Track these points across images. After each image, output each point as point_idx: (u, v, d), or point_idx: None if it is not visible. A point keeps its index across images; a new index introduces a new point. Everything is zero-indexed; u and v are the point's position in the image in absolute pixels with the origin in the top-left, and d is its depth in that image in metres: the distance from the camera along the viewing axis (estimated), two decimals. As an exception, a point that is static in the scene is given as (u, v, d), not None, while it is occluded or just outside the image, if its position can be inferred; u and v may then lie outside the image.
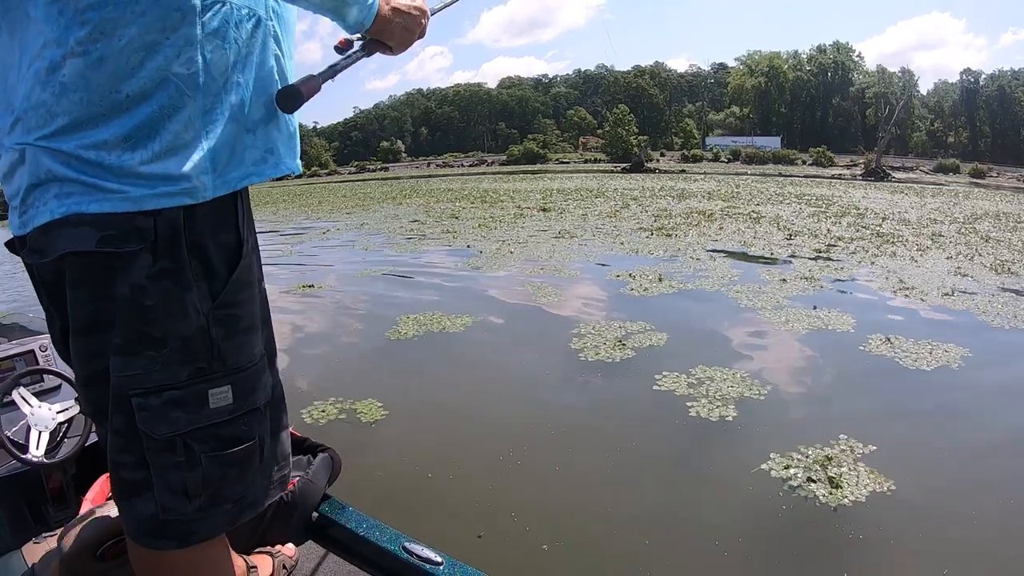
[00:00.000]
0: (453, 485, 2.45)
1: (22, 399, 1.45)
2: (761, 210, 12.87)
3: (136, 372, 0.70)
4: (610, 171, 38.28)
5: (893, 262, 6.92)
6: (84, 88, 0.63)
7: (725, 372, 3.54)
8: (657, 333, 4.22)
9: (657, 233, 9.11)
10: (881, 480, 2.44)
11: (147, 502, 0.74)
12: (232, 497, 0.79)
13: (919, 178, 37.38)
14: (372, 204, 17.61)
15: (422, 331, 4.40)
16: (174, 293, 0.69)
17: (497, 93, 75.14)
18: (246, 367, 0.77)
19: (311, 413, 3.13)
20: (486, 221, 11.29)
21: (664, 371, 3.55)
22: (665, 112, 65.13)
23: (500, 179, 30.93)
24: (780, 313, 4.80)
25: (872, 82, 58.94)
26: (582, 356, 3.80)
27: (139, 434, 0.71)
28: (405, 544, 1.13)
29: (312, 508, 1.28)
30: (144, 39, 0.64)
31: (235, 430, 0.76)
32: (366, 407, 3.15)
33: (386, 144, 67.19)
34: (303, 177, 50.94)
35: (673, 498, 2.42)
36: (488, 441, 2.81)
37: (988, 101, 55.60)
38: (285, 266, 7.78)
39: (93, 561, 1.11)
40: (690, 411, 3.09)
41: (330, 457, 1.40)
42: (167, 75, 0.66)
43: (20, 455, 1.35)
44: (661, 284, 5.74)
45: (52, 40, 0.63)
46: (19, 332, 1.77)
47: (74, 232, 0.65)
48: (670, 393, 3.31)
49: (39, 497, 1.47)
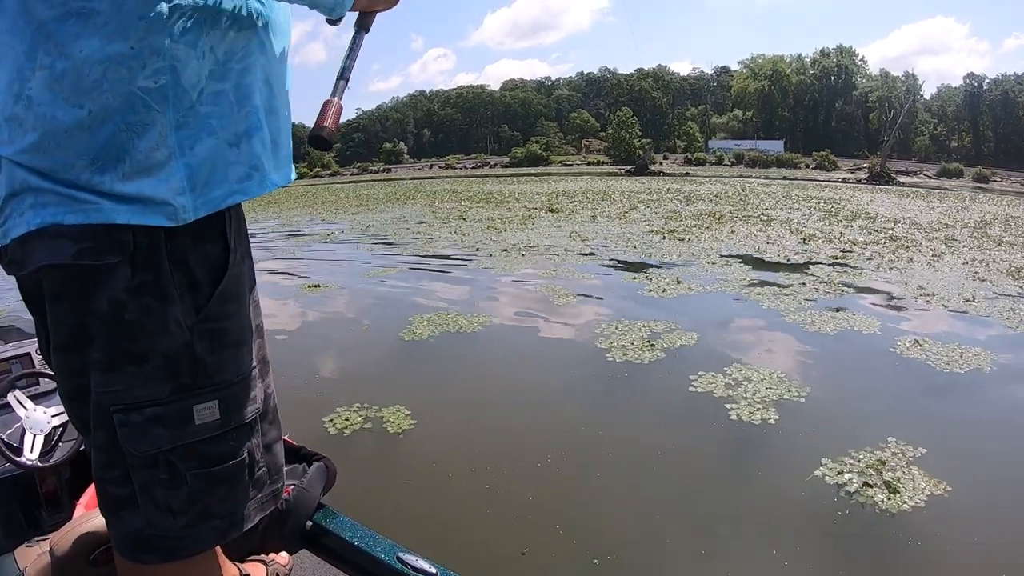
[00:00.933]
0: (493, 498, 2.36)
1: (17, 402, 1.43)
2: (771, 213, 12.80)
3: (117, 388, 0.68)
4: (614, 174, 38.24)
5: (911, 267, 6.87)
6: (48, 103, 0.61)
7: (761, 372, 3.47)
8: (685, 333, 4.14)
9: (669, 236, 9.03)
10: (937, 484, 2.38)
11: (133, 517, 0.72)
12: (221, 513, 0.76)
13: (923, 182, 37.31)
14: (377, 205, 17.54)
15: (438, 331, 4.32)
16: (154, 308, 0.66)
17: (500, 95, 75.15)
18: (234, 381, 0.74)
19: (334, 422, 3.01)
20: (494, 222, 11.22)
21: (699, 371, 3.47)
22: (668, 115, 65.11)
23: (504, 181, 30.86)
24: (804, 315, 4.74)
25: (875, 86, 58.97)
26: (610, 357, 3.72)
27: (121, 450, 0.69)
28: (399, 554, 1.12)
29: (307, 517, 1.25)
30: (105, 51, 0.60)
31: (222, 447, 0.74)
32: (393, 415, 3.04)
33: (388, 146, 67.15)
34: (305, 178, 50.93)
35: (725, 506, 2.34)
36: (525, 449, 2.72)
37: (991, 105, 55.57)
38: (290, 266, 7.69)
39: (86, 566, 1.10)
40: (730, 414, 3.02)
41: (325, 466, 1.38)
42: (131, 89, 0.62)
43: (14, 458, 1.33)
44: (679, 286, 5.67)
45: (22, 53, 0.61)
46: (15, 335, 1.75)
47: (51, 244, 0.63)
48: (708, 395, 3.23)
49: (33, 501, 1.46)
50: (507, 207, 14.52)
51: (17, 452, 1.35)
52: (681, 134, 62.29)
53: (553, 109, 72.81)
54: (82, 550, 1.10)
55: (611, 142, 55.72)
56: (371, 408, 3.11)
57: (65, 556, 1.10)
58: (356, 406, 3.13)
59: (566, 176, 35.87)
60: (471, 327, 4.41)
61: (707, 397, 3.21)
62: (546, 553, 2.01)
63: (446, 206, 15.47)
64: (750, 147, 54.00)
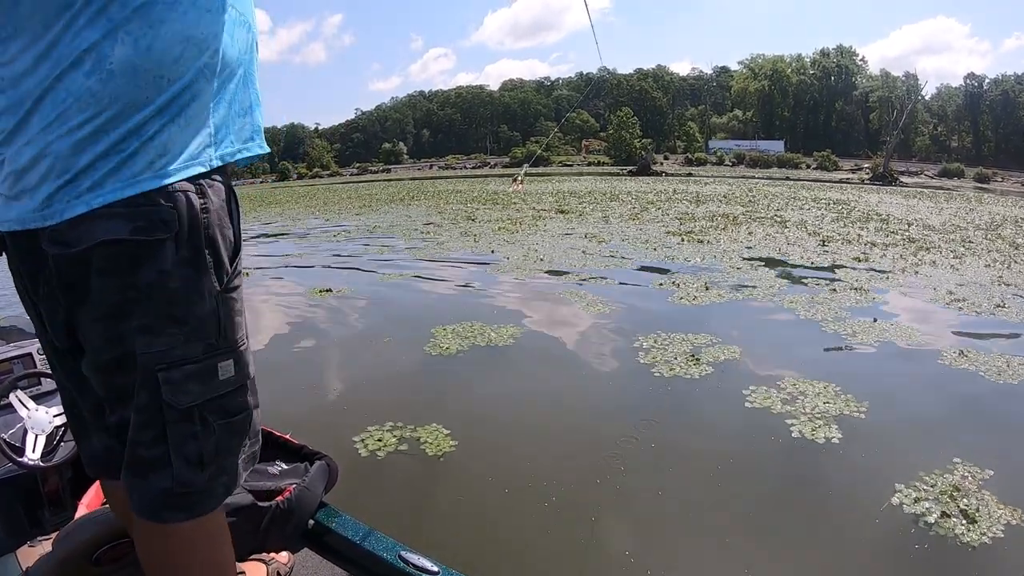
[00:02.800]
0: (548, 532, 2.13)
1: (19, 402, 1.44)
2: (784, 215, 12.62)
3: (162, 348, 0.76)
4: (616, 174, 38.09)
5: (935, 271, 6.71)
6: (132, 73, 0.69)
7: (815, 386, 3.26)
8: (728, 346, 3.93)
9: (687, 239, 8.82)
10: (1012, 511, 2.17)
11: (162, 477, 0.79)
12: (228, 470, 0.85)
13: (924, 182, 37.28)
14: (380, 205, 17.31)
15: (466, 345, 4.04)
16: (193, 278, 0.77)
17: (499, 95, 75.00)
18: (240, 345, 0.84)
19: (366, 442, 2.76)
20: (504, 223, 10.99)
21: (750, 386, 3.26)
22: (668, 115, 65.00)
23: (507, 181, 30.61)
24: (843, 324, 4.56)
25: (876, 86, 58.95)
26: (656, 372, 3.49)
27: (162, 407, 0.77)
28: (401, 553, 1.12)
29: (308, 516, 1.26)
30: (185, 33, 0.73)
31: (237, 400, 0.84)
32: (430, 436, 2.80)
33: (388, 146, 66.93)
34: (305, 178, 50.65)
35: (795, 531, 2.14)
36: (579, 471, 2.50)
37: (992, 105, 55.60)
38: (297, 269, 7.41)
39: (89, 565, 1.11)
40: (791, 431, 2.81)
41: (327, 465, 1.39)
42: (200, 64, 0.74)
43: (16, 458, 1.34)
44: (709, 293, 5.45)
45: (99, 32, 0.68)
46: (17, 335, 1.76)
47: (108, 223, 0.70)
48: (765, 411, 3.02)
49: (35, 501, 1.48)
50: (515, 208, 14.30)
51: (19, 452, 1.36)
52: (681, 134, 62.19)
53: (552, 109, 72.70)
54: (84, 549, 1.12)
55: (611, 142, 55.61)
56: (405, 428, 2.87)
57: (67, 555, 1.11)
58: (389, 425, 2.89)
59: (568, 177, 35.68)
60: (501, 339, 4.15)
61: (764, 413, 3.00)
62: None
63: (452, 207, 15.24)
64: (751, 147, 53.92)
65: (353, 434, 2.82)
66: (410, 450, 2.69)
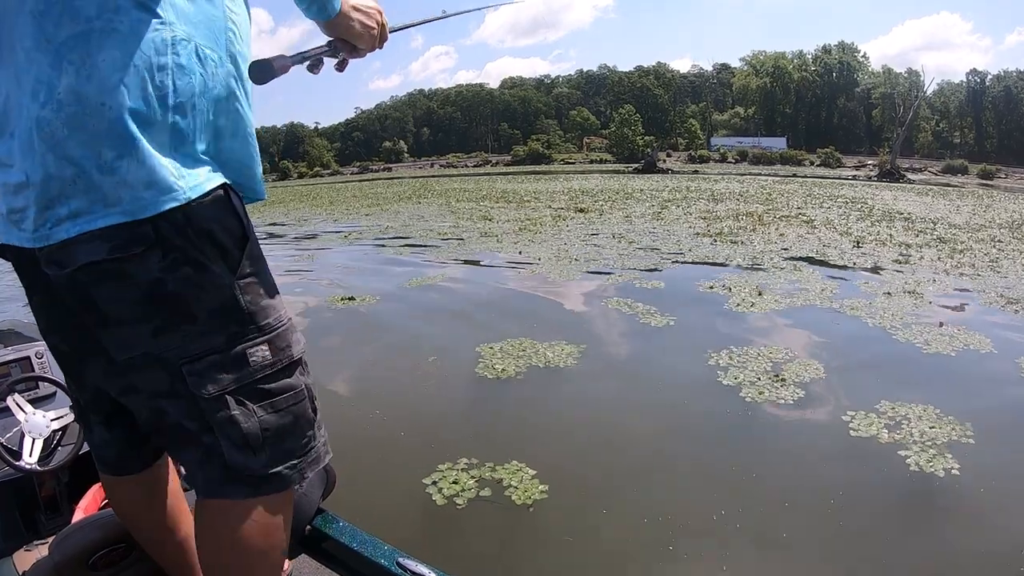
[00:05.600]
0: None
1: (16, 406, 1.43)
2: (807, 213, 12.36)
3: (178, 344, 0.77)
4: (621, 171, 37.82)
5: (978, 273, 6.48)
6: (77, 102, 0.69)
7: (915, 409, 2.98)
8: (807, 361, 3.64)
9: (720, 239, 8.53)
10: None
11: (217, 463, 0.81)
12: (295, 450, 0.85)
13: (930, 179, 37.14)
14: (388, 204, 16.98)
15: (522, 366, 3.65)
16: (191, 276, 0.76)
17: (499, 93, 74.57)
18: (277, 327, 0.83)
19: (439, 486, 2.40)
20: (524, 223, 10.69)
21: (848, 411, 2.98)
22: (669, 112, 64.68)
23: (514, 180, 30.32)
24: (911, 331, 4.32)
25: (878, 82, 58.71)
26: (746, 396, 3.17)
27: (196, 398, 0.78)
28: (399, 560, 1.10)
29: (306, 521, 1.22)
30: (124, 61, 0.71)
31: (279, 380, 0.83)
32: (513, 477, 2.44)
33: (389, 144, 66.53)
34: (305, 177, 50.21)
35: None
36: (686, 518, 2.20)
37: (994, 102, 55.42)
38: (311, 273, 6.98)
39: (85, 570, 1.11)
40: (907, 462, 2.54)
41: (324, 470, 1.27)
42: (145, 93, 0.71)
43: (13, 462, 1.34)
44: (764, 299, 5.16)
45: (47, 64, 0.70)
46: (14, 338, 1.73)
47: (88, 247, 0.72)
48: (872, 440, 2.74)
49: (31, 504, 1.47)
50: (530, 207, 13.99)
51: (16, 456, 1.36)
52: (682, 131, 61.88)
53: (553, 107, 72.30)
54: (81, 554, 1.11)
55: (614, 140, 55.33)
56: (483, 467, 2.52)
57: (64, 560, 1.10)
58: (463, 464, 2.54)
59: (574, 174, 35.39)
60: (558, 359, 3.77)
61: (872, 443, 2.72)
62: None
63: (463, 206, 14.93)
64: (753, 144, 53.68)
65: (422, 474, 2.48)
66: (494, 496, 2.34)
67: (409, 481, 2.45)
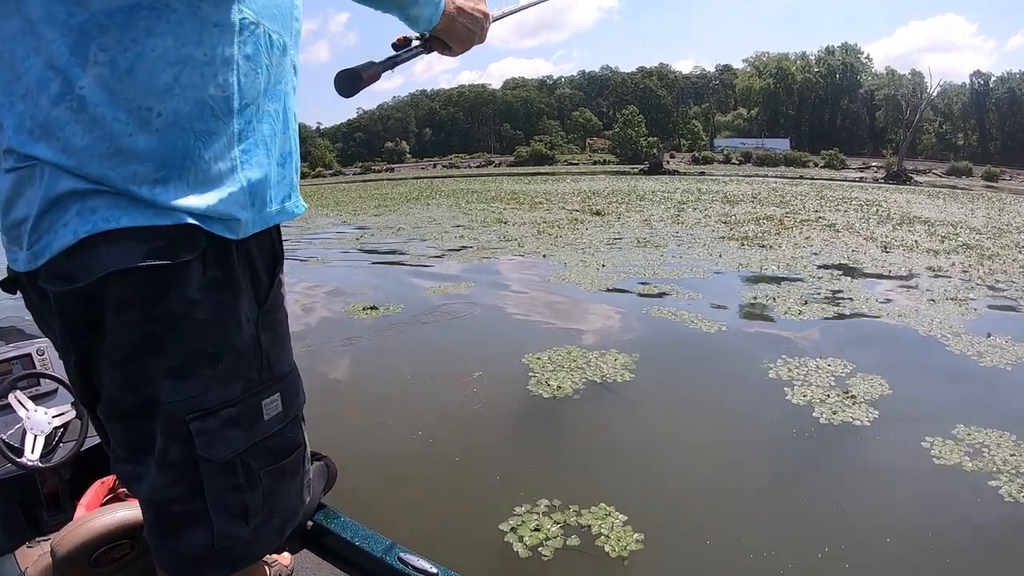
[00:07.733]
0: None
1: (18, 403, 1.42)
2: (826, 216, 12.19)
3: (193, 394, 0.62)
4: (627, 172, 37.59)
5: (1011, 279, 6.33)
6: (107, 104, 0.54)
7: (994, 435, 2.82)
8: (871, 376, 3.45)
9: (746, 244, 8.35)
10: None
11: (199, 534, 0.67)
12: (280, 511, 0.73)
13: (934, 181, 36.99)
14: (396, 205, 16.77)
15: (578, 381, 3.40)
16: (226, 304, 0.63)
17: (502, 94, 74.44)
18: (288, 373, 0.72)
19: (519, 533, 2.14)
20: (541, 226, 10.50)
21: (925, 436, 2.80)
22: (672, 114, 64.54)
23: (520, 180, 30.08)
24: (963, 342, 4.18)
25: (881, 84, 58.56)
26: (820, 417, 2.96)
27: (197, 462, 0.64)
28: (400, 554, 1.08)
29: (308, 517, 1.18)
30: (179, 52, 0.56)
31: (285, 439, 0.72)
32: (603, 523, 2.18)
33: (391, 145, 66.36)
34: (307, 178, 49.98)
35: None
36: (790, 556, 2.02)
37: (998, 104, 55.34)
38: (325, 279, 6.64)
39: (87, 567, 1.10)
40: (1002, 495, 2.36)
41: (326, 466, 1.29)
42: (203, 96, 0.58)
43: (15, 459, 1.33)
44: (810, 307, 4.99)
45: (64, 48, 0.53)
46: (16, 336, 1.72)
47: (115, 249, 0.56)
48: (957, 468, 2.56)
49: (33, 501, 1.47)
50: (543, 208, 13.81)
51: (18, 453, 1.35)
52: (685, 132, 61.73)
53: (555, 108, 72.19)
54: (83, 551, 1.10)
55: (617, 141, 55.17)
56: (566, 510, 2.25)
57: (66, 557, 1.09)
58: (544, 506, 2.28)
59: (580, 175, 35.16)
60: (614, 373, 3.53)
61: (957, 471, 2.54)
62: None
63: (474, 207, 14.74)
64: (756, 145, 53.54)
65: (498, 519, 2.21)
66: (583, 546, 2.09)
67: (481, 528, 2.20)
